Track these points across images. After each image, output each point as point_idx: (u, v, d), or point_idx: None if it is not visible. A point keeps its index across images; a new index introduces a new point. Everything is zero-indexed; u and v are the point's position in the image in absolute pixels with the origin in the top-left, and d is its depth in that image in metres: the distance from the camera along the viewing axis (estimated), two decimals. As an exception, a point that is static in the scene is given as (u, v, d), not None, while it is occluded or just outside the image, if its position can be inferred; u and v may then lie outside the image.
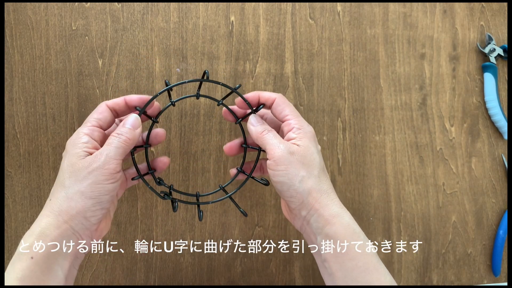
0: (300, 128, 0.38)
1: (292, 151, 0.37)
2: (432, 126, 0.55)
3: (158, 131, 0.42)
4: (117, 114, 0.39)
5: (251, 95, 0.40)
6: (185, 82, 0.40)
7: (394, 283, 0.35)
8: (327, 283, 0.37)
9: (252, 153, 0.47)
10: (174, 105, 0.41)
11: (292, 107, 0.40)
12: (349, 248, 0.35)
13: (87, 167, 0.34)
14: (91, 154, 0.35)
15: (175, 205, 0.40)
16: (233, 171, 0.44)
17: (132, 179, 0.40)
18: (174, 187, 0.50)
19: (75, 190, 0.33)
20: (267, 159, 0.38)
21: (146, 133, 0.41)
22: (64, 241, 0.33)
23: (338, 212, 0.36)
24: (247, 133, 0.41)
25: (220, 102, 0.41)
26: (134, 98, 0.39)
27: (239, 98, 0.40)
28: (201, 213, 0.41)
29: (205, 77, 0.40)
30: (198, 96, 0.41)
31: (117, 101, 0.38)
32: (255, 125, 0.39)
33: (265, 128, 0.39)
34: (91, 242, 0.37)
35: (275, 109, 0.40)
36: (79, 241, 0.35)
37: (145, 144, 0.41)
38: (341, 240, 0.35)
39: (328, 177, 0.39)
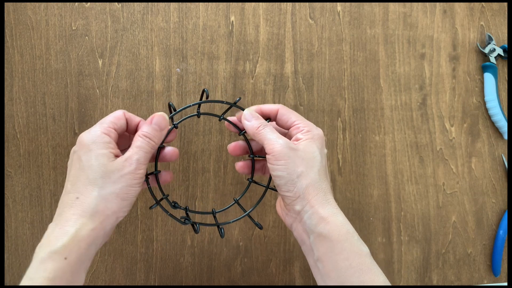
0: (309, 130, 0.39)
1: (292, 147, 0.37)
2: (432, 126, 0.55)
3: (170, 151, 0.41)
4: (127, 128, 0.39)
5: (253, 109, 0.40)
6: (189, 106, 0.39)
7: (388, 283, 0.35)
8: (319, 283, 0.37)
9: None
10: (176, 127, 0.40)
11: (297, 113, 0.40)
12: (343, 248, 0.35)
13: (119, 170, 0.34)
14: (115, 155, 0.35)
15: (196, 227, 0.39)
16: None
17: (150, 208, 0.40)
18: (174, 188, 0.50)
19: (110, 191, 0.33)
20: (266, 154, 0.37)
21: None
22: (97, 243, 0.34)
23: (333, 211, 0.36)
24: (253, 142, 0.41)
25: (221, 118, 0.42)
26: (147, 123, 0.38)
27: (239, 113, 0.41)
28: (222, 231, 0.41)
29: (204, 95, 0.40)
30: (199, 114, 0.41)
31: (135, 118, 0.38)
32: (250, 120, 0.39)
33: (260, 123, 0.38)
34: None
35: (281, 119, 0.40)
36: (104, 240, 0.35)
37: (154, 170, 0.40)
38: (335, 240, 0.35)
39: (329, 180, 0.39)
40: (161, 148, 0.40)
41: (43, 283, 0.30)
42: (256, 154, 0.43)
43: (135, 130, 0.38)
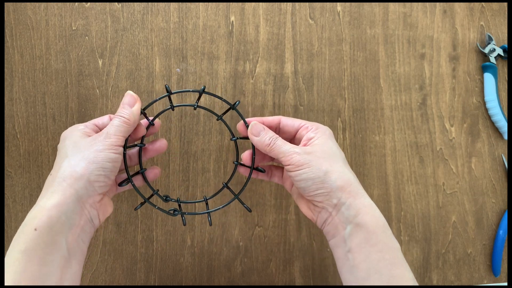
0: (317, 128, 0.39)
1: (309, 151, 0.37)
2: (432, 126, 0.55)
3: (159, 142, 0.43)
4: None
5: (254, 121, 0.41)
6: (186, 91, 0.41)
7: (415, 282, 0.35)
8: (345, 275, 0.36)
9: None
10: (173, 109, 0.42)
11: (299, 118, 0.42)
12: (379, 240, 0.35)
13: (89, 141, 0.35)
14: (89, 136, 0.37)
15: (183, 218, 0.41)
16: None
17: (135, 209, 0.41)
18: (174, 188, 0.50)
19: (78, 157, 0.34)
20: (278, 166, 0.38)
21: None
22: (69, 209, 0.33)
23: (370, 203, 0.37)
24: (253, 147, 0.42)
25: (220, 118, 0.42)
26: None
27: (241, 123, 0.41)
28: (209, 218, 0.42)
29: (204, 91, 0.40)
30: (196, 106, 0.41)
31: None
32: (258, 135, 0.39)
33: (271, 138, 0.39)
34: (99, 216, 0.36)
35: (286, 125, 0.41)
36: (84, 211, 0.34)
37: (141, 143, 0.41)
38: (372, 231, 0.35)
39: (351, 170, 0.39)
40: (142, 147, 0.42)
41: (16, 257, 0.30)
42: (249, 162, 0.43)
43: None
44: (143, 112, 0.39)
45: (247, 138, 0.41)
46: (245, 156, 0.42)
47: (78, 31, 0.48)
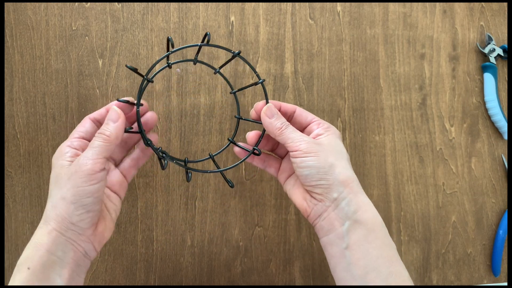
0: (329, 127, 0.41)
1: (318, 142, 0.38)
2: (432, 126, 0.55)
3: (149, 115, 0.42)
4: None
5: (272, 103, 0.41)
6: (186, 47, 0.39)
7: (411, 281, 0.35)
8: (340, 274, 0.36)
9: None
10: (170, 67, 0.41)
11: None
12: (377, 237, 0.35)
13: (67, 173, 0.34)
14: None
15: (164, 163, 0.38)
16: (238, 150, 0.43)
17: (163, 168, 0.39)
18: (174, 188, 0.50)
19: (58, 197, 0.34)
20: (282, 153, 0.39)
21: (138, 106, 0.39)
22: (59, 249, 0.33)
23: (369, 201, 0.37)
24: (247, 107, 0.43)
25: (217, 71, 0.42)
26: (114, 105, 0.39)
27: (260, 103, 0.41)
28: (190, 175, 0.40)
29: (206, 40, 0.39)
30: (195, 61, 0.41)
31: (100, 112, 0.39)
32: (271, 117, 0.39)
33: (282, 123, 0.39)
34: (94, 247, 0.36)
35: (300, 115, 0.42)
36: (77, 247, 0.34)
37: (136, 103, 0.39)
38: (371, 228, 0.35)
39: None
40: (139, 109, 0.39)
41: None
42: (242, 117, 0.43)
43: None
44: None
45: (250, 120, 0.42)
46: (250, 137, 0.42)
47: (78, 31, 0.48)
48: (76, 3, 0.48)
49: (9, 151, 0.47)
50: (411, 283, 0.35)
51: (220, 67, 0.42)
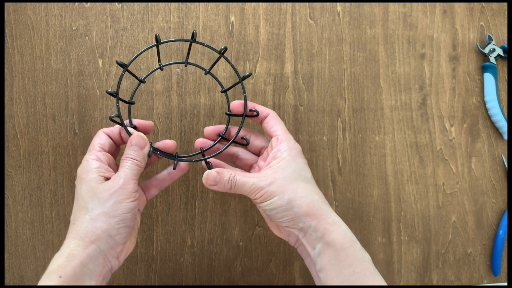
0: (286, 145, 0.39)
1: (270, 181, 0.37)
2: (432, 126, 0.55)
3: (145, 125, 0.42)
4: (114, 143, 0.41)
5: (249, 104, 0.42)
6: (172, 41, 0.41)
7: None
8: None
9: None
10: (162, 69, 0.42)
11: (284, 125, 0.42)
12: (347, 255, 0.36)
13: (108, 189, 0.35)
14: (106, 177, 0.37)
15: (150, 151, 0.39)
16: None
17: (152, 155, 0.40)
18: (174, 188, 0.50)
19: (98, 211, 0.35)
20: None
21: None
22: (92, 262, 0.34)
23: (336, 220, 0.37)
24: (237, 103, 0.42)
25: (207, 72, 0.43)
26: (125, 134, 0.40)
27: (235, 103, 0.42)
28: (176, 163, 0.41)
29: (193, 38, 0.40)
30: (186, 63, 0.42)
31: (112, 130, 0.40)
32: (216, 185, 0.39)
33: (229, 180, 0.38)
34: (118, 262, 0.37)
35: (268, 122, 0.42)
36: (106, 262, 0.35)
37: (130, 100, 0.41)
38: (340, 248, 0.36)
39: (317, 186, 0.40)
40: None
41: None
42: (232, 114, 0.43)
43: (121, 141, 0.41)
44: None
45: (239, 115, 0.42)
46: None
47: (78, 31, 0.48)
48: (76, 3, 0.48)
49: (9, 151, 0.47)
50: None
51: (210, 68, 0.42)
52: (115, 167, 0.40)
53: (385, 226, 0.54)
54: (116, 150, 0.42)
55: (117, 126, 0.40)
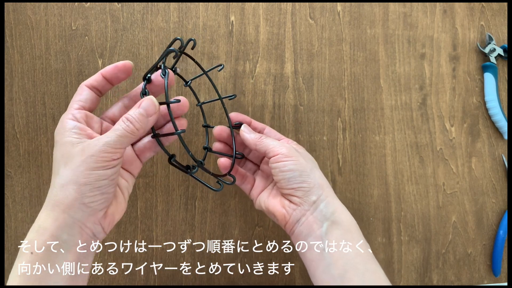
0: (297, 145, 0.44)
1: (296, 149, 0.41)
2: (432, 126, 0.55)
3: (181, 102, 0.37)
4: (100, 92, 0.36)
5: (242, 118, 0.44)
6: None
7: (387, 279, 0.36)
8: (319, 277, 0.36)
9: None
10: (175, 71, 0.41)
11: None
12: (354, 237, 0.37)
13: (80, 154, 0.31)
14: (88, 136, 0.33)
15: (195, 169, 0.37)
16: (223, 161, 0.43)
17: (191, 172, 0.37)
18: (174, 188, 0.50)
19: (68, 178, 0.31)
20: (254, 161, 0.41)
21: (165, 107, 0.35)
22: (65, 232, 0.31)
23: (343, 205, 0.39)
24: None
25: (187, 84, 0.43)
26: (109, 69, 0.36)
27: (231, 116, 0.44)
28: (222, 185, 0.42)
29: (191, 46, 0.38)
30: (174, 71, 0.39)
31: (95, 78, 0.36)
32: (249, 133, 0.42)
33: (260, 135, 0.41)
34: (103, 229, 0.34)
35: (269, 133, 0.45)
36: (84, 230, 0.32)
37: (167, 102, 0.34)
38: (347, 229, 0.37)
39: None
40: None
41: (15, 281, 0.30)
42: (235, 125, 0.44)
43: (109, 85, 0.36)
44: (148, 80, 0.36)
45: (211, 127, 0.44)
46: (222, 163, 0.42)
47: (78, 31, 0.48)
48: (76, 3, 0.48)
49: (9, 151, 0.47)
50: (386, 280, 0.36)
51: (191, 80, 0.44)
52: (99, 124, 0.36)
53: (385, 226, 0.54)
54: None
55: (99, 73, 0.36)
